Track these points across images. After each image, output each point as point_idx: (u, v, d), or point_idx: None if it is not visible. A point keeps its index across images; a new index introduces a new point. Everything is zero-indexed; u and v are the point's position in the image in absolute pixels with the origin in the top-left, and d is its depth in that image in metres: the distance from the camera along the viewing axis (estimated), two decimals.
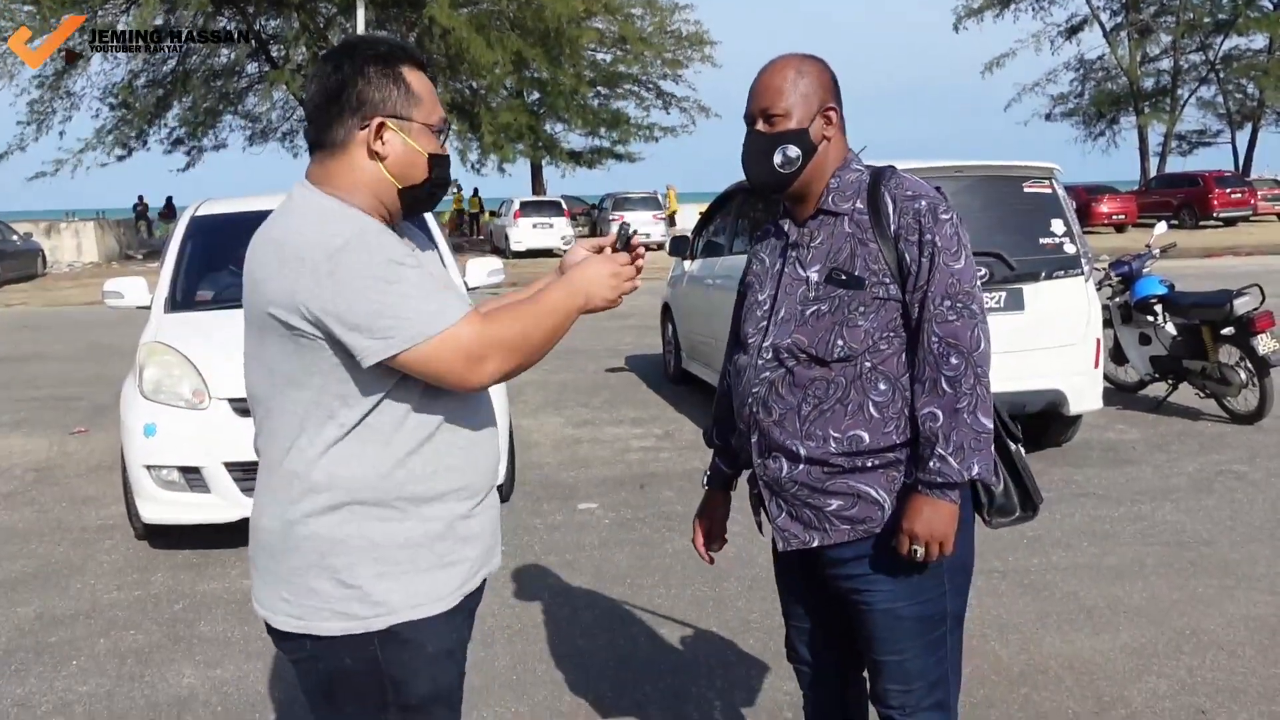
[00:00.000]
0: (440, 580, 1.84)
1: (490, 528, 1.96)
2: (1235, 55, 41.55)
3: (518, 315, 1.80)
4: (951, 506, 2.06)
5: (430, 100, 1.84)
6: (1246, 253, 23.57)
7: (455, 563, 1.86)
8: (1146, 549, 4.89)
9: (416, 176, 1.84)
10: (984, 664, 3.72)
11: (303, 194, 1.82)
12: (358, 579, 1.78)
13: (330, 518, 1.78)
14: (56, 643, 4.18)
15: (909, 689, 2.19)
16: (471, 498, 1.88)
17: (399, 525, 1.79)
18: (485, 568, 1.96)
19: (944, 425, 2.04)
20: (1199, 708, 3.39)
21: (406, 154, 1.82)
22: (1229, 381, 7.25)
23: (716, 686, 3.63)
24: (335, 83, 1.78)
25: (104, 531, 5.60)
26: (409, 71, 1.82)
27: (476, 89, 31.92)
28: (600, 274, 1.87)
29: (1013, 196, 6.27)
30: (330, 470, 1.77)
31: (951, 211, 2.11)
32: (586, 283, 1.86)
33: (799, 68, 2.15)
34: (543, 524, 5.50)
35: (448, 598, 1.85)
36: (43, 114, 30.10)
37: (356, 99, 1.78)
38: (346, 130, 1.79)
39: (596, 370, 10.36)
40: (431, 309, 1.71)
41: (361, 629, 1.79)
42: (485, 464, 1.91)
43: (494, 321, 1.77)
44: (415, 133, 1.82)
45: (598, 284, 1.87)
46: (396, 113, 1.80)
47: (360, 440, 1.77)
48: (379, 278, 1.67)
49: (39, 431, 8.14)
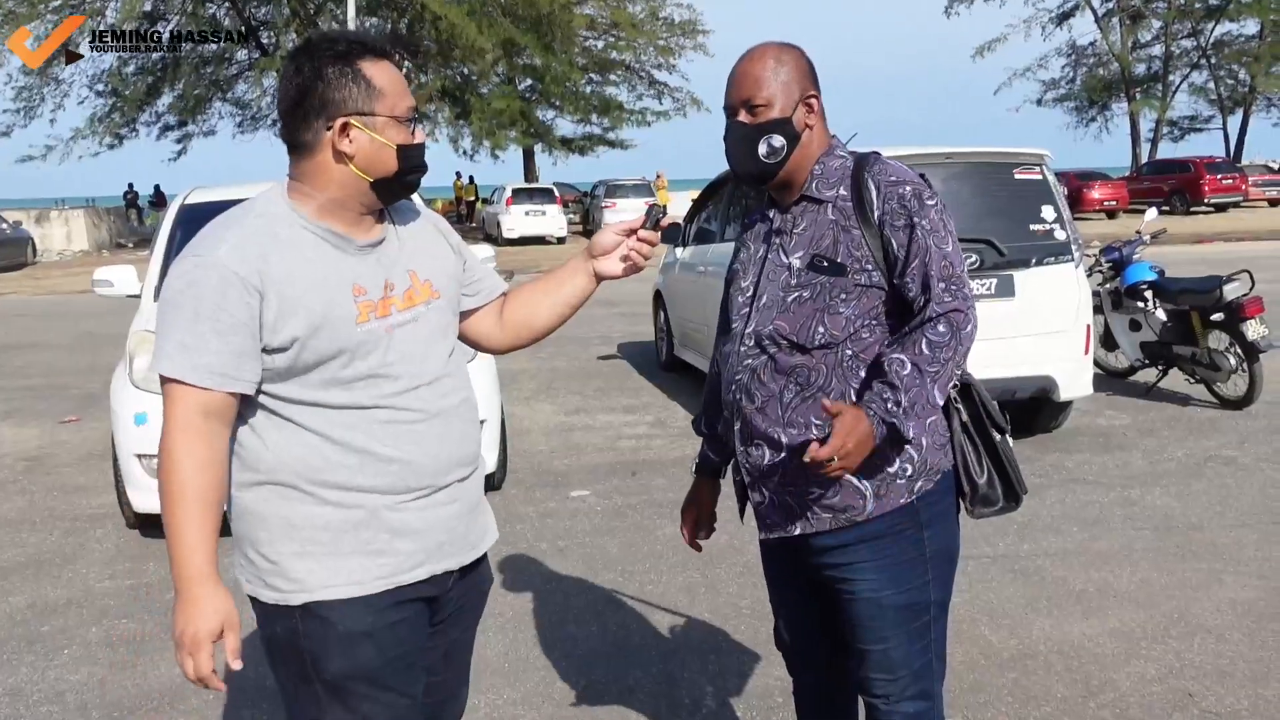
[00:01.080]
0: (362, 566, 1.86)
1: (440, 524, 1.93)
2: (1226, 41, 41.55)
3: (180, 477, 1.78)
4: (874, 443, 1.97)
5: (395, 91, 1.84)
6: (1237, 239, 23.64)
7: (382, 552, 1.87)
8: (1136, 534, 4.91)
9: (387, 169, 1.85)
10: (974, 649, 3.74)
11: (260, 196, 1.89)
12: (279, 555, 1.86)
13: (254, 493, 1.87)
14: (48, 632, 4.18)
15: (893, 678, 2.19)
16: (404, 491, 1.87)
17: (317, 509, 1.84)
18: (434, 563, 1.94)
19: (908, 378, 1.97)
20: (1187, 691, 3.41)
21: (374, 149, 1.83)
22: (1218, 367, 7.28)
23: (708, 672, 3.65)
24: (296, 87, 1.81)
25: (95, 520, 5.59)
26: (369, 65, 1.82)
27: (468, 75, 31.79)
28: (199, 625, 1.78)
29: (1003, 183, 6.28)
30: (255, 450, 1.86)
31: (936, 196, 2.11)
32: (193, 596, 1.79)
33: (778, 56, 2.14)
34: (535, 511, 5.51)
35: (369, 583, 1.86)
36: (31, 102, 29.95)
37: (319, 102, 1.80)
38: (314, 133, 1.82)
39: (589, 358, 10.36)
40: (170, 350, 1.76)
41: (284, 601, 1.87)
42: (423, 459, 1.88)
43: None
44: (381, 126, 1.83)
45: (190, 612, 1.78)
46: (359, 110, 1.81)
47: (277, 425, 1.84)
48: (177, 298, 1.77)
49: (30, 420, 8.12)
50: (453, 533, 1.97)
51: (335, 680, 1.88)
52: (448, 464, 1.93)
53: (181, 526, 1.78)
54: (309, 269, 1.81)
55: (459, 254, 2.08)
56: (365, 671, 1.88)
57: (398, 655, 1.91)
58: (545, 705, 3.47)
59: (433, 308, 1.95)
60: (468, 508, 2.01)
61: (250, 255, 1.77)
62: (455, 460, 1.95)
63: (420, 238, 2.00)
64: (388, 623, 1.89)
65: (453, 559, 1.98)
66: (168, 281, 1.80)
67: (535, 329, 2.18)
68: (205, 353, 1.75)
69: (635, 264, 2.12)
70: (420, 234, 2.01)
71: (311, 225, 1.84)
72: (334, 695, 1.89)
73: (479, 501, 2.07)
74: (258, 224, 1.82)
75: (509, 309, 2.18)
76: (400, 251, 1.94)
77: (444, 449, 1.92)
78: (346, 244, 1.86)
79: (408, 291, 1.91)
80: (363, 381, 1.84)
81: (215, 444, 1.80)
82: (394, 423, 1.86)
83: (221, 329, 1.75)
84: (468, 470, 2.00)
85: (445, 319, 1.99)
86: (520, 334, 2.19)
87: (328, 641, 1.86)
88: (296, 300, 1.78)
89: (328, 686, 1.88)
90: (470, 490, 2.02)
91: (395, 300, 1.89)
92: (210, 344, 1.75)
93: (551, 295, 2.16)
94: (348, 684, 1.88)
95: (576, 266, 2.15)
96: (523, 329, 2.18)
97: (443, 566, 1.96)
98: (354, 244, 1.87)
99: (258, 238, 1.79)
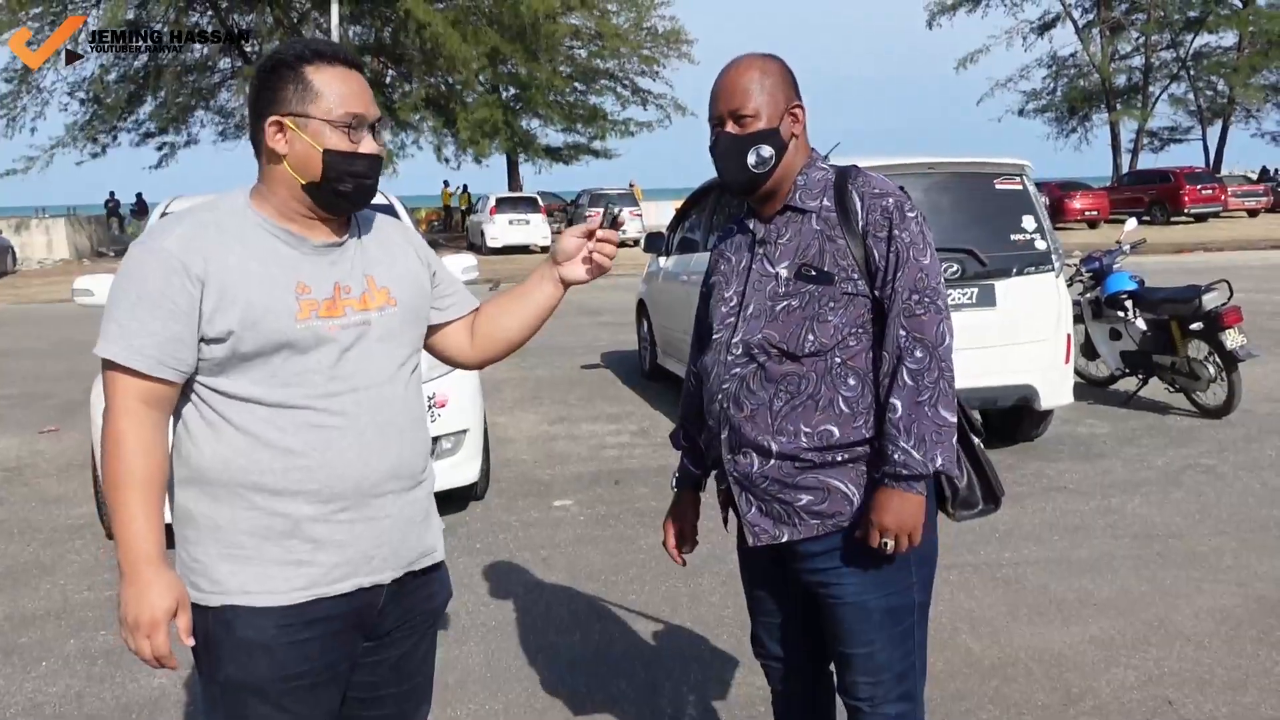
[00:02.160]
0: (282, 575, 1.84)
1: (368, 537, 1.89)
2: (1205, 53, 41.96)
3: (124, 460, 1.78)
4: (918, 498, 2.08)
5: (336, 95, 1.83)
6: (1217, 248, 23.83)
7: (304, 563, 1.85)
8: (1116, 542, 4.94)
9: (313, 174, 1.84)
10: (955, 657, 3.75)
11: (223, 195, 1.93)
12: (205, 555, 1.86)
13: (185, 492, 1.88)
14: (26, 643, 4.14)
15: (877, 681, 2.21)
16: (328, 501, 1.85)
17: (243, 513, 1.84)
18: (361, 577, 1.90)
19: (904, 417, 2.06)
20: (1166, 698, 3.43)
21: (303, 150, 1.83)
22: (1198, 376, 7.33)
23: (690, 681, 3.65)
24: (253, 88, 1.87)
25: (74, 531, 5.55)
26: (314, 69, 1.82)
27: (452, 84, 31.78)
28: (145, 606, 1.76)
29: (984, 193, 6.31)
30: (187, 449, 1.87)
31: (916, 209, 2.14)
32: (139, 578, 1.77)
33: (763, 68, 2.17)
34: (518, 521, 5.50)
35: (285, 594, 1.84)
36: (12, 110, 29.76)
37: (262, 101, 1.85)
38: (259, 132, 1.86)
39: (572, 366, 10.36)
40: (110, 333, 1.78)
41: (203, 601, 1.86)
42: (350, 467, 1.85)
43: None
44: (314, 129, 1.82)
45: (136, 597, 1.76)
46: (292, 110, 1.82)
47: (209, 424, 1.85)
48: (122, 283, 1.80)
49: (8, 430, 8.06)
50: (384, 547, 1.92)
51: (226, 687, 1.87)
52: (381, 475, 1.89)
53: (128, 510, 1.77)
54: (253, 263, 1.82)
55: (427, 266, 2.07)
56: (256, 684, 1.85)
57: (298, 674, 1.86)
58: (527, 715, 3.46)
59: (387, 314, 1.93)
60: (404, 522, 1.95)
61: (196, 246, 1.79)
62: (390, 472, 1.91)
63: (384, 246, 2.00)
64: (292, 639, 1.85)
65: (383, 574, 1.93)
66: (119, 267, 1.84)
67: (505, 341, 2.17)
68: (142, 335, 1.77)
69: (599, 265, 2.10)
70: (385, 242, 2.00)
71: (266, 224, 1.86)
72: (226, 701, 1.89)
73: (423, 518, 2.01)
74: (209, 218, 1.84)
75: (479, 323, 2.16)
76: (359, 256, 1.93)
77: (377, 459, 1.89)
78: (300, 243, 1.87)
79: (364, 295, 1.91)
80: (299, 379, 1.83)
81: (157, 430, 1.81)
82: (324, 427, 1.84)
83: (161, 314, 1.77)
84: (405, 484, 1.95)
85: (400, 327, 1.96)
86: (490, 348, 2.17)
87: (225, 647, 1.85)
88: (236, 291, 1.79)
89: (222, 690, 1.88)
90: (408, 505, 1.96)
91: (350, 302, 1.88)
92: (148, 326, 1.76)
93: (519, 307, 2.15)
94: (239, 694, 1.87)
95: (542, 274, 2.14)
96: (492, 342, 2.16)
97: (370, 580, 1.91)
98: (308, 244, 1.88)
99: (207, 230, 1.82)
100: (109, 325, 1.79)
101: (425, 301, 2.05)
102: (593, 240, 2.09)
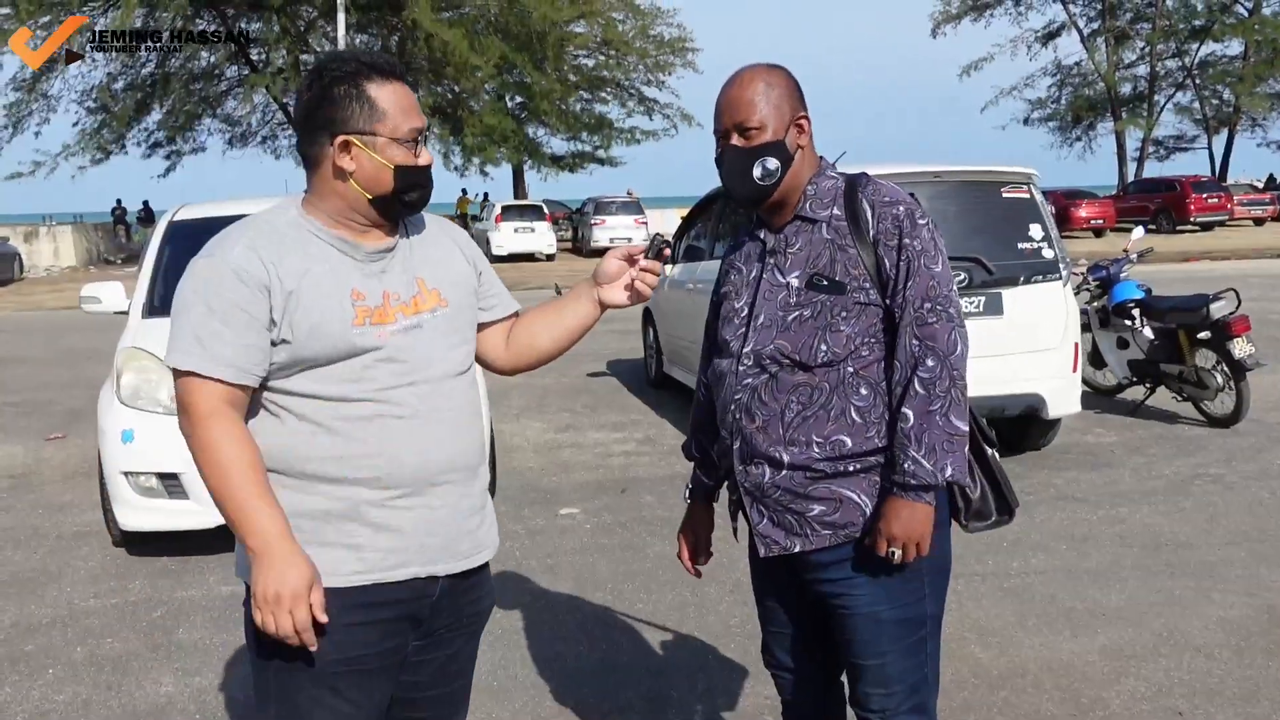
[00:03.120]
0: (340, 558, 1.89)
1: (425, 527, 1.94)
2: (1211, 61, 41.95)
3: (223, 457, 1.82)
4: (927, 508, 2.08)
5: (398, 112, 1.90)
6: (1223, 257, 23.78)
7: (361, 547, 1.90)
8: (1124, 552, 4.92)
9: (384, 188, 1.92)
10: (964, 667, 3.73)
11: (274, 206, 1.98)
12: None
13: None
14: (33, 651, 4.14)
15: (890, 692, 2.19)
16: (389, 488, 1.90)
17: (304, 497, 1.89)
18: (416, 566, 1.94)
19: (915, 427, 2.05)
20: (1176, 709, 3.41)
21: (372, 168, 1.90)
22: (1206, 385, 7.31)
23: (698, 691, 3.63)
24: (306, 103, 1.92)
25: (81, 538, 5.55)
26: (376, 86, 1.89)
27: (459, 92, 31.84)
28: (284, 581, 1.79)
29: (991, 201, 6.31)
30: (255, 438, 1.90)
31: (927, 217, 2.14)
32: (272, 555, 1.80)
33: (768, 79, 2.17)
34: (524, 529, 5.49)
35: (343, 576, 1.89)
36: (19, 117, 29.85)
37: (324, 119, 1.90)
38: (320, 148, 1.92)
39: (579, 374, 10.35)
40: (186, 345, 1.83)
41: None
42: (410, 456, 1.91)
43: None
44: (380, 147, 1.89)
45: (272, 572, 1.79)
46: (359, 129, 1.88)
47: (272, 414, 1.91)
48: (190, 296, 1.85)
49: (14, 437, 8.07)
50: (440, 538, 1.97)
51: (283, 668, 1.90)
52: (439, 465, 1.95)
53: (246, 498, 1.81)
54: (313, 272, 1.88)
55: (474, 266, 2.13)
56: (312, 665, 1.88)
57: (353, 658, 1.91)
58: None
59: (439, 315, 1.99)
60: (460, 514, 2.01)
61: (260, 256, 1.85)
62: (447, 464, 1.96)
63: (432, 248, 2.06)
64: (349, 622, 1.89)
65: (437, 565, 1.98)
66: (183, 280, 1.88)
67: (538, 352, 2.22)
68: (220, 345, 1.82)
69: (640, 293, 2.16)
70: (433, 244, 2.07)
71: (320, 233, 1.93)
72: (281, 684, 1.91)
73: (477, 512, 2.07)
74: (269, 229, 1.91)
75: (515, 330, 2.22)
76: (409, 260, 2.00)
77: (435, 449, 1.94)
78: (353, 250, 1.93)
79: (414, 298, 1.97)
80: (357, 377, 1.88)
81: (242, 425, 1.87)
82: (384, 417, 1.89)
83: (234, 324, 1.82)
84: (462, 476, 2.00)
85: (452, 325, 2.02)
86: (523, 357, 2.22)
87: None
88: (298, 298, 1.85)
89: (277, 673, 1.91)
90: (464, 497, 2.01)
91: (401, 308, 1.94)
92: (224, 337, 1.82)
93: (555, 320, 2.21)
94: (294, 677, 1.90)
95: (581, 293, 2.20)
96: (525, 352, 2.22)
97: (426, 571, 1.96)
98: (361, 250, 1.94)
99: (268, 240, 1.88)
100: (182, 338, 1.84)
101: (473, 300, 2.11)
102: (635, 268, 2.15)
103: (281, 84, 28.59)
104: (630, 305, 2.21)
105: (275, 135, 34.13)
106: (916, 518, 2.07)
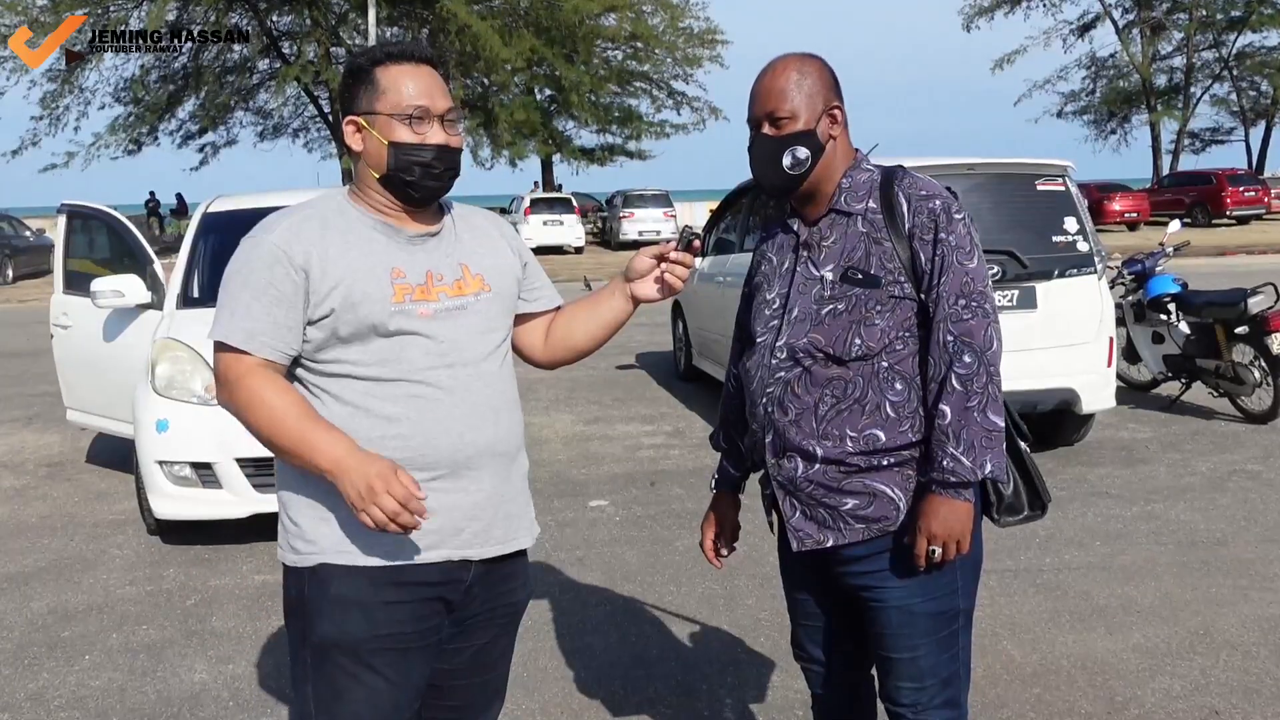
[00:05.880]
0: (373, 536, 1.89)
1: (459, 510, 1.96)
2: (1248, 52, 41.24)
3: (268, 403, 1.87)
4: (966, 505, 2.06)
5: (399, 90, 1.93)
6: (1260, 251, 23.46)
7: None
8: (1159, 548, 4.87)
9: (383, 166, 1.95)
10: (996, 663, 3.70)
11: (322, 194, 2.07)
12: (303, 519, 1.95)
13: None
14: (69, 637, 4.19)
15: (921, 686, 2.18)
16: (423, 469, 1.90)
17: None
18: (450, 549, 1.95)
19: (953, 423, 2.03)
20: (1212, 708, 3.37)
21: (374, 146, 1.95)
22: (1243, 380, 7.21)
23: (727, 684, 3.63)
24: (337, 96, 1.97)
25: (116, 527, 5.62)
26: (383, 69, 1.95)
27: (488, 86, 31.90)
28: (368, 474, 1.80)
29: (1025, 194, 6.25)
30: None
31: (964, 211, 2.12)
32: (347, 465, 1.81)
33: (800, 68, 2.15)
34: (554, 521, 5.50)
35: (376, 555, 1.92)
36: (55, 109, 30.19)
37: (343, 104, 2.01)
38: (346, 135, 2.01)
39: (607, 367, 10.36)
40: (221, 317, 1.90)
41: (299, 563, 1.95)
42: (445, 437, 1.92)
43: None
44: (381, 125, 1.94)
45: (354, 474, 1.80)
46: (363, 109, 1.95)
47: (311, 394, 1.95)
48: (231, 273, 1.93)
49: (52, 427, 8.18)
50: (474, 522, 1.98)
51: (320, 646, 1.93)
52: (476, 449, 1.96)
53: (303, 430, 1.84)
54: (352, 252, 1.92)
55: (519, 257, 2.17)
56: (350, 643, 1.91)
57: (390, 634, 1.93)
58: (564, 716, 3.46)
59: (482, 299, 2.02)
60: (497, 500, 2.02)
61: (300, 237, 1.91)
62: (485, 447, 1.98)
63: (478, 236, 2.10)
64: (385, 599, 1.92)
65: (470, 549, 1.99)
66: (231, 259, 1.96)
67: (574, 349, 2.24)
68: (248, 319, 1.87)
69: (671, 286, 2.17)
70: (479, 232, 2.11)
71: (365, 217, 1.98)
72: (318, 663, 1.94)
73: (514, 498, 2.07)
74: (313, 212, 1.97)
75: (554, 326, 2.24)
76: (455, 246, 2.03)
77: (473, 432, 1.96)
78: (396, 234, 1.98)
79: (458, 282, 2.00)
80: (395, 357, 1.91)
81: (281, 378, 1.91)
82: (420, 398, 1.92)
83: (266, 300, 1.88)
84: (500, 461, 2.02)
85: (495, 311, 2.05)
86: (559, 352, 2.24)
87: (322, 604, 1.92)
88: (337, 278, 1.89)
89: (314, 652, 1.94)
90: (501, 483, 2.02)
91: (444, 288, 1.97)
92: (253, 311, 1.87)
93: (588, 317, 2.23)
94: (331, 652, 1.92)
95: (614, 289, 2.22)
96: (561, 347, 2.24)
97: (459, 555, 1.97)
98: (404, 234, 1.98)
99: (309, 223, 1.94)
100: (221, 311, 1.91)
101: (516, 289, 2.14)
102: (665, 261, 2.16)
103: (312, 75, 28.74)
104: (661, 299, 2.22)
105: (306, 128, 34.37)
106: (956, 515, 2.05)
